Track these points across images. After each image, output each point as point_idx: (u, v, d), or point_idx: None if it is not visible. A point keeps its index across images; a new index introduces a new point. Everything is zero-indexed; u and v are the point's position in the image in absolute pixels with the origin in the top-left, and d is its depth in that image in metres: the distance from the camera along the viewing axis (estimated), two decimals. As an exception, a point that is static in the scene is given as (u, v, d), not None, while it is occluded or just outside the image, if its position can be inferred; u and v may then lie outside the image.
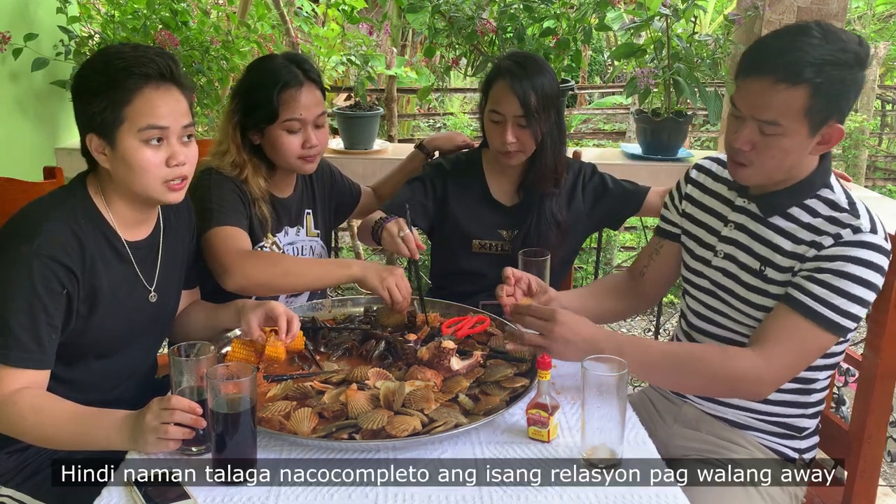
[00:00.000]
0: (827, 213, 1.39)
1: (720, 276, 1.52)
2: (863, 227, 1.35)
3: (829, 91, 1.29)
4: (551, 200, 2.00)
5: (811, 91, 1.29)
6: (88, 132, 1.38)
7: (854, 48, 1.30)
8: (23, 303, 1.32)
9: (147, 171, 1.38)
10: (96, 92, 1.36)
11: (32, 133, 2.97)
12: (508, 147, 1.90)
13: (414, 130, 7.47)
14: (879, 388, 1.50)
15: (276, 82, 1.76)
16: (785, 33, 1.34)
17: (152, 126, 1.36)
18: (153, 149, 1.38)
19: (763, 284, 1.45)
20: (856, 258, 1.34)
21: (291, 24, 3.48)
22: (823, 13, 2.93)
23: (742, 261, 1.48)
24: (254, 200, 1.82)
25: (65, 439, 1.30)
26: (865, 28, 8.25)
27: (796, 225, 1.42)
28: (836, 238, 1.36)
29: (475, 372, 1.49)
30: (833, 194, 1.41)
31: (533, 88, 1.87)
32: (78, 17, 3.03)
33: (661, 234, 1.70)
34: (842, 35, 1.31)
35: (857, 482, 1.54)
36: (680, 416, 1.61)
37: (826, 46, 1.28)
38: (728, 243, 1.52)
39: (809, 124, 1.32)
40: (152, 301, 1.53)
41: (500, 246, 2.05)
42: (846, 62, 1.29)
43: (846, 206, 1.39)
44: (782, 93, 1.30)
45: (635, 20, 2.86)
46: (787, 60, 1.29)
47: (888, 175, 6.95)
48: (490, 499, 1.15)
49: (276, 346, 1.48)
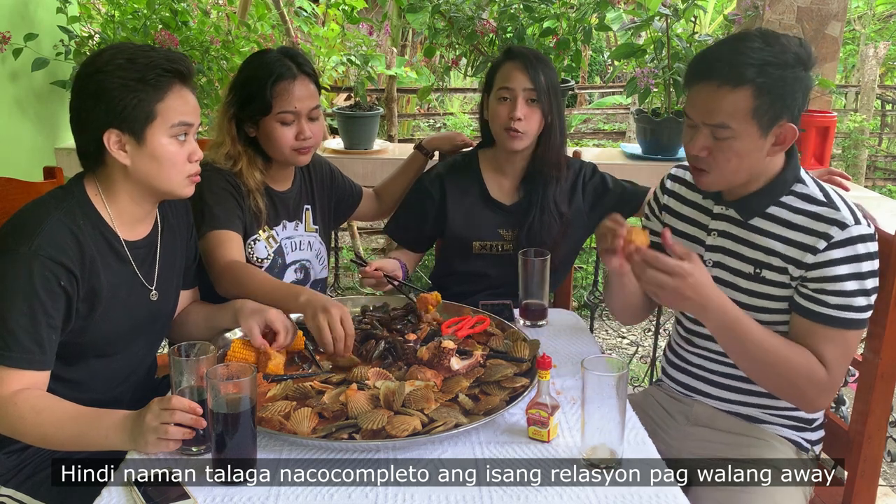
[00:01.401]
0: (806, 209, 1.42)
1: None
2: (847, 220, 1.38)
3: (773, 90, 1.34)
4: (554, 190, 2.01)
5: (754, 91, 1.33)
6: (107, 128, 1.38)
7: (794, 49, 1.35)
8: (22, 304, 1.32)
9: (175, 165, 1.43)
10: (125, 89, 1.36)
11: (32, 133, 2.97)
12: (514, 123, 1.90)
13: (414, 130, 7.47)
14: (879, 388, 1.50)
15: (269, 75, 1.79)
16: (727, 41, 1.42)
17: (184, 123, 1.42)
18: (180, 144, 1.43)
19: (762, 287, 1.46)
20: (856, 256, 1.37)
21: (291, 24, 3.48)
22: (823, 13, 2.93)
23: (734, 267, 1.49)
24: (248, 192, 1.83)
25: (65, 439, 1.30)
26: (865, 28, 8.25)
27: (779, 224, 1.44)
28: (828, 239, 1.38)
29: (475, 372, 1.48)
30: (807, 188, 1.44)
31: (542, 71, 1.92)
32: (78, 17, 3.04)
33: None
34: (782, 39, 1.36)
35: (857, 482, 1.54)
36: (692, 415, 1.61)
37: (766, 49, 1.34)
38: (715, 251, 1.53)
39: (759, 124, 1.36)
40: (153, 300, 1.53)
41: (501, 246, 2.05)
42: (786, 62, 1.34)
43: (823, 199, 1.42)
44: (727, 95, 1.35)
45: (635, 20, 2.86)
46: (729, 64, 1.34)
47: (888, 175, 6.95)
48: (490, 499, 1.15)
49: (277, 363, 1.49)
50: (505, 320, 1.71)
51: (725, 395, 1.57)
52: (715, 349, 1.56)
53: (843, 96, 7.68)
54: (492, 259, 2.05)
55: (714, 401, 1.59)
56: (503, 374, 1.46)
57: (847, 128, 6.33)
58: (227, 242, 1.74)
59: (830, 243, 1.37)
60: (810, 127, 2.78)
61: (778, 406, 1.53)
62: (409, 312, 1.75)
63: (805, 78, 1.37)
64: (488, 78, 2.01)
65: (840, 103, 7.53)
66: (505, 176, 2.05)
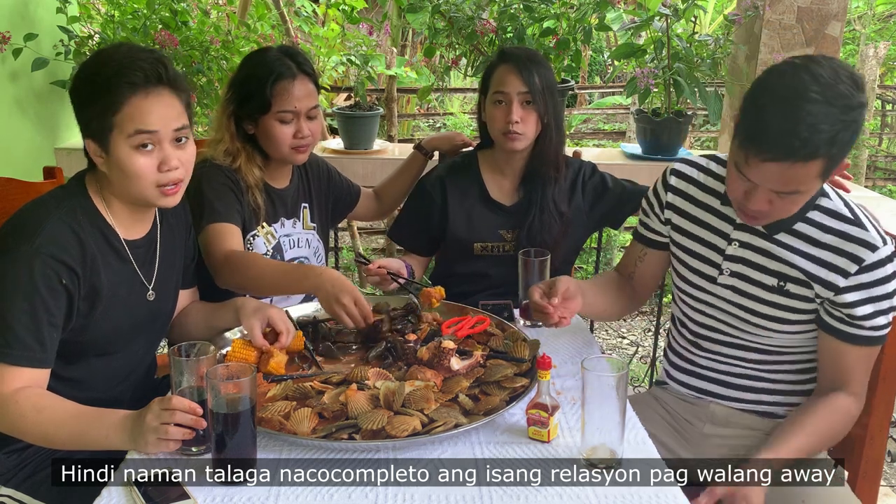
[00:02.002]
0: (834, 226, 1.41)
1: (730, 294, 1.52)
2: (876, 242, 1.38)
3: (842, 153, 1.29)
4: (553, 189, 2.00)
5: (827, 161, 1.27)
6: (86, 137, 1.40)
7: (857, 98, 1.25)
8: (24, 302, 1.32)
9: (140, 177, 1.38)
10: (87, 99, 1.38)
11: (32, 133, 2.97)
12: (512, 126, 1.90)
13: (414, 130, 7.48)
14: (880, 388, 1.51)
15: (269, 73, 1.79)
16: (785, 105, 1.25)
17: (140, 131, 1.36)
18: (145, 154, 1.37)
19: (786, 300, 1.46)
20: (884, 278, 1.39)
21: (291, 24, 3.48)
22: (823, 13, 2.93)
23: (755, 279, 1.48)
24: (247, 188, 1.84)
25: (65, 439, 1.30)
26: (865, 28, 8.25)
27: (805, 242, 1.43)
28: (859, 262, 1.38)
29: (475, 372, 1.48)
30: (831, 202, 1.43)
31: (535, 71, 1.91)
32: (78, 17, 3.03)
33: (645, 241, 1.68)
34: (840, 86, 1.24)
35: (858, 482, 1.54)
36: (709, 416, 1.61)
37: (831, 111, 1.23)
38: (735, 262, 1.51)
39: (824, 179, 1.33)
40: (150, 300, 1.53)
41: (502, 247, 2.05)
42: (853, 120, 1.25)
43: (850, 216, 1.41)
44: (800, 170, 1.27)
45: (635, 20, 2.86)
46: (799, 142, 1.23)
47: (888, 175, 6.96)
48: (490, 499, 1.15)
49: (278, 361, 1.49)
50: (505, 320, 1.71)
51: (740, 396, 1.57)
52: (725, 352, 1.56)
53: (843, 96, 7.66)
54: (493, 260, 2.05)
55: (729, 402, 1.58)
56: (503, 374, 1.46)
57: (847, 128, 6.31)
58: (226, 234, 1.74)
59: (862, 266, 1.38)
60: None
61: (793, 403, 1.54)
62: (410, 312, 1.75)
63: (861, 119, 1.29)
64: (484, 80, 2.01)
65: (840, 103, 7.51)
66: (504, 177, 2.05)
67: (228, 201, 1.79)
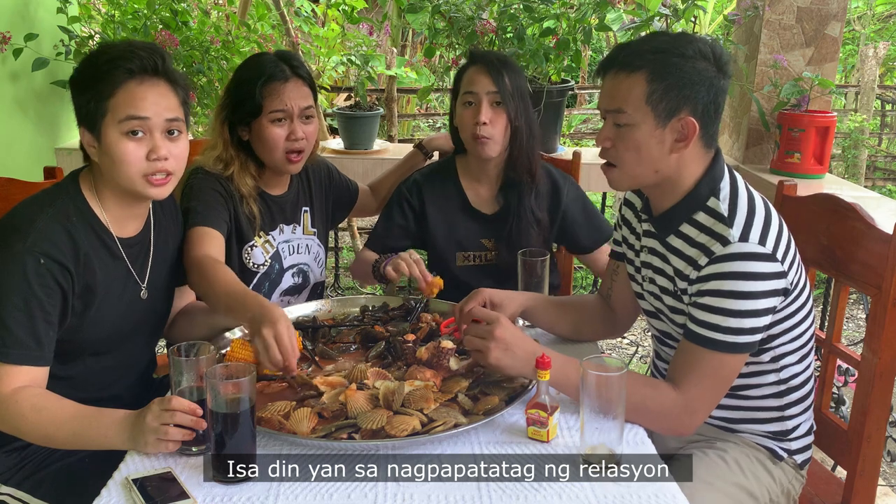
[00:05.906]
0: (708, 224, 1.38)
1: (653, 300, 1.52)
2: (731, 237, 1.32)
3: (667, 77, 1.32)
4: (529, 197, 1.99)
5: (647, 76, 1.33)
6: (80, 124, 1.41)
7: (701, 46, 1.33)
8: (19, 300, 1.32)
9: (127, 163, 1.38)
10: (84, 86, 1.39)
11: (32, 133, 2.97)
12: (481, 129, 1.88)
13: (414, 130, 7.48)
14: (878, 387, 1.50)
15: (261, 75, 1.78)
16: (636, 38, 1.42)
17: (132, 116, 1.36)
18: (134, 141, 1.38)
19: (680, 304, 1.43)
20: (728, 273, 1.31)
21: (291, 24, 3.48)
22: (823, 13, 2.93)
23: (661, 284, 1.48)
24: (241, 198, 1.82)
25: (65, 438, 1.31)
26: (865, 28, 8.25)
27: (686, 243, 1.41)
28: (710, 255, 1.34)
29: (474, 372, 1.49)
30: (718, 203, 1.38)
31: (506, 73, 1.90)
32: (78, 17, 3.04)
33: (615, 256, 1.69)
34: (692, 37, 1.36)
35: (856, 482, 1.54)
36: None
37: (668, 41, 1.35)
38: (646, 269, 1.52)
39: (654, 112, 1.34)
40: (143, 298, 1.53)
41: (484, 256, 2.04)
42: (684, 52, 1.33)
43: (724, 214, 1.36)
44: (623, 81, 1.35)
45: (635, 20, 2.86)
46: (628, 52, 1.37)
47: (888, 175, 6.95)
48: (489, 498, 1.15)
49: None
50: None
51: None
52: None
53: (843, 96, 7.68)
54: (477, 269, 2.04)
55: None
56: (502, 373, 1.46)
57: (847, 128, 6.33)
58: (205, 237, 1.68)
59: (711, 259, 1.33)
60: (810, 127, 2.78)
61: (749, 419, 1.50)
62: (409, 312, 1.75)
63: (712, 76, 1.33)
64: (455, 83, 2.00)
65: (840, 103, 7.53)
66: (482, 184, 2.04)
67: (214, 207, 1.75)
